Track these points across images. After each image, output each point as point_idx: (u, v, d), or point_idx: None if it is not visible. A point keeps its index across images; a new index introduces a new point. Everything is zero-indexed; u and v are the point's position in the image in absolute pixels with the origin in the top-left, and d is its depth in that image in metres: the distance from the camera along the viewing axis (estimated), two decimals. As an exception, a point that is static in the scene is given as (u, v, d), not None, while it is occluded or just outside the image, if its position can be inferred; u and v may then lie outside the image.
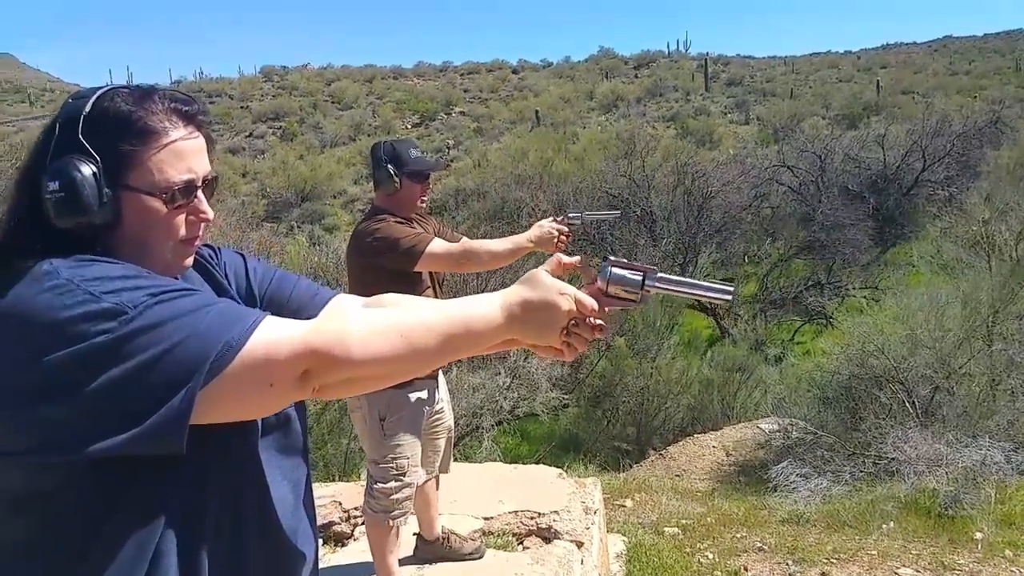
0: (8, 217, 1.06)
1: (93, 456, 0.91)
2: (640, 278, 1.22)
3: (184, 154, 1.10)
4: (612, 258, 1.24)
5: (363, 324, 1.05)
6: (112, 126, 1.05)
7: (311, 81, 49.68)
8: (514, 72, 53.60)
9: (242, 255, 1.35)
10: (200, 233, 1.17)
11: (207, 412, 0.95)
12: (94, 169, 1.03)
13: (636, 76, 49.92)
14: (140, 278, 0.98)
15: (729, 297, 1.25)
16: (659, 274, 1.23)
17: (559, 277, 1.19)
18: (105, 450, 0.91)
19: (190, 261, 1.18)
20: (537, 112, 36.80)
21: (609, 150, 23.24)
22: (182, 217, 1.12)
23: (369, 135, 35.72)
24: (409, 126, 39.05)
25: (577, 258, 1.27)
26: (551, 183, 19.94)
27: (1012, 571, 4.35)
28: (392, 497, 2.77)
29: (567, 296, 1.15)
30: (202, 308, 0.97)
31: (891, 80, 41.63)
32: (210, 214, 1.16)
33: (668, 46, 58.63)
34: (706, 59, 48.96)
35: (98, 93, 1.07)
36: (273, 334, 0.99)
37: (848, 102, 36.41)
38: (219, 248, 1.32)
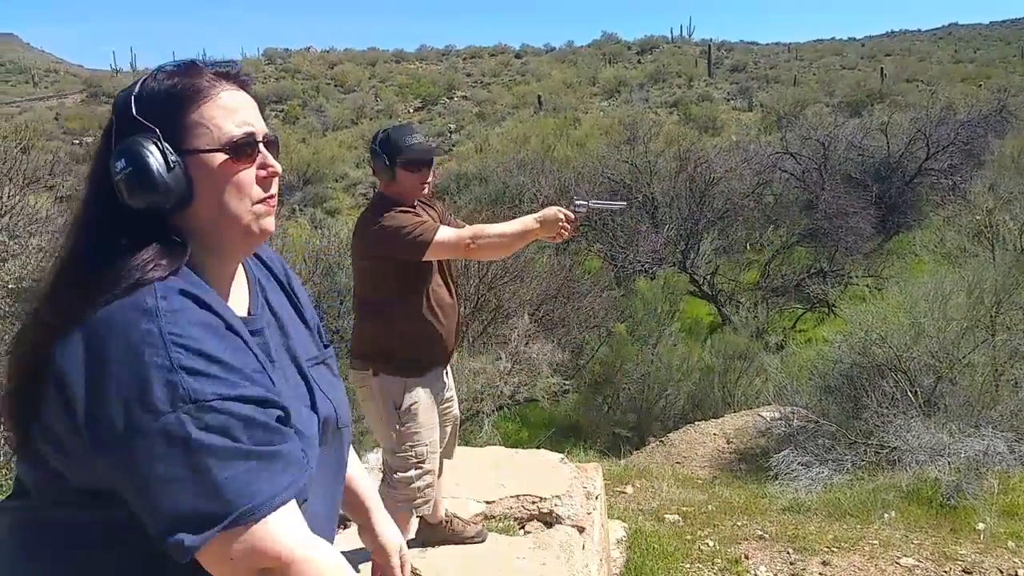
0: (87, 219, 1.07)
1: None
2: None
3: (234, 107, 1.11)
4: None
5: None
6: (162, 97, 1.08)
7: (314, 64, 49.51)
8: (517, 57, 53.33)
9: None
10: (274, 191, 1.16)
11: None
12: (155, 139, 1.05)
13: (639, 62, 49.68)
14: (223, 363, 0.96)
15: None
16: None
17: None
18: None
19: (270, 223, 1.16)
20: (540, 97, 36.69)
21: (611, 136, 23.18)
22: (251, 172, 1.12)
23: (371, 119, 35.65)
24: (411, 110, 38.93)
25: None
26: (553, 168, 19.89)
27: (1014, 562, 4.34)
28: (413, 486, 2.75)
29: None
30: (242, 455, 0.94)
31: (895, 68, 41.41)
32: (278, 167, 1.16)
33: (671, 31, 58.19)
34: (710, 45, 48.63)
35: (143, 77, 1.11)
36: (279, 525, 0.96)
37: (852, 89, 36.21)
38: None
